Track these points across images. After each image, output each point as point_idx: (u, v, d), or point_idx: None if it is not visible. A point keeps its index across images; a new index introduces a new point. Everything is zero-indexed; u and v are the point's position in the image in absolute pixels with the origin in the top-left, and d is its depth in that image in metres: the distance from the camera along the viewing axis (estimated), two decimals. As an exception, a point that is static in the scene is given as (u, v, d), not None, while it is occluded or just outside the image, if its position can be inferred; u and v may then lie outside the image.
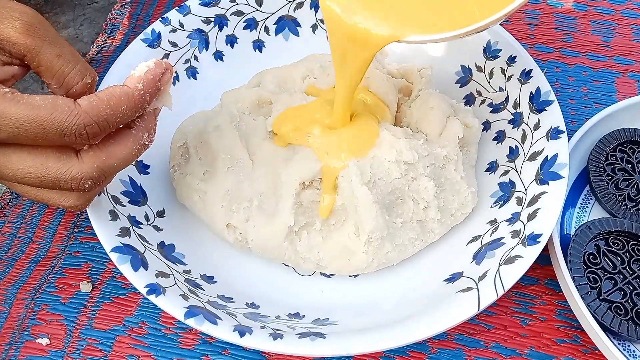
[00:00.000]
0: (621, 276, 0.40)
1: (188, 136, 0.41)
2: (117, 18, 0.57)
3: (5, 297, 0.43)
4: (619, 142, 0.45)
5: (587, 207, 0.44)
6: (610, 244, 0.41)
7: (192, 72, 0.47)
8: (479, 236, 0.40)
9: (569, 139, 0.43)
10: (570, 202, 0.44)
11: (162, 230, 0.41)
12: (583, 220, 0.44)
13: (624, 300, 0.39)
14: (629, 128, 0.45)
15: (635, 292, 0.39)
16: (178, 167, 0.42)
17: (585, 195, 0.45)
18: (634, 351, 0.38)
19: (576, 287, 0.38)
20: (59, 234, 0.45)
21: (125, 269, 0.35)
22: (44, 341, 0.40)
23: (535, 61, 0.51)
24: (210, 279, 0.39)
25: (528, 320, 0.40)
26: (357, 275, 0.41)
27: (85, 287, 0.42)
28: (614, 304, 0.39)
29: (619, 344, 0.38)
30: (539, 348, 0.39)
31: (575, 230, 0.41)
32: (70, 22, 0.60)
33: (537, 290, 0.41)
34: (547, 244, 0.40)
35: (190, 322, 0.33)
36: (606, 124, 0.45)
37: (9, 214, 0.47)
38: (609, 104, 0.46)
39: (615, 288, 0.39)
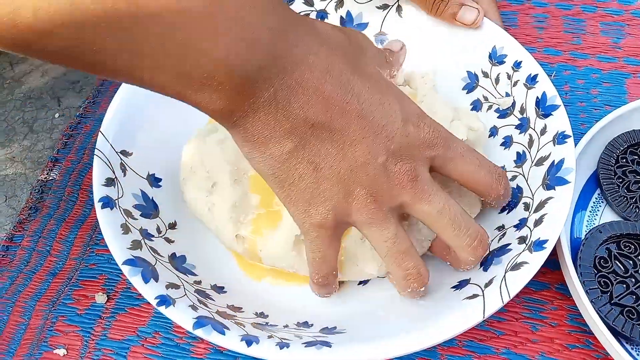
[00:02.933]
0: (633, 280, 0.39)
1: (195, 150, 0.42)
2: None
3: (24, 310, 0.44)
4: (629, 144, 0.44)
5: (598, 210, 0.44)
6: (622, 247, 0.40)
7: None
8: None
9: (579, 142, 0.43)
10: (580, 205, 0.44)
11: (173, 242, 0.41)
12: (594, 224, 0.43)
13: (636, 304, 0.38)
14: (639, 130, 0.45)
15: (647, 295, 0.39)
16: (187, 181, 0.43)
17: (595, 198, 0.44)
18: (647, 356, 0.38)
19: (586, 291, 0.37)
20: (76, 247, 0.47)
21: (136, 281, 0.36)
22: (61, 352, 0.41)
23: (544, 64, 0.51)
24: (220, 290, 0.40)
25: (539, 326, 0.40)
26: (366, 282, 0.41)
27: (100, 298, 0.43)
28: (626, 309, 0.38)
29: (631, 348, 0.38)
30: (549, 354, 0.39)
31: (586, 234, 0.40)
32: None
33: (547, 296, 0.41)
34: (556, 248, 0.40)
35: (199, 332, 0.34)
36: (616, 126, 0.45)
37: (28, 227, 0.48)
38: (620, 106, 0.45)
39: (627, 292, 0.39)
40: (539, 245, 0.35)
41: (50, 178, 0.51)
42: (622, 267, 0.40)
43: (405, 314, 0.37)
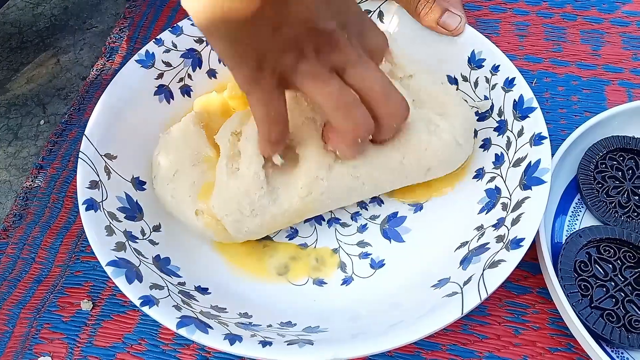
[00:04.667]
0: (613, 283, 0.40)
1: (162, 146, 0.43)
2: (115, 42, 0.59)
3: (8, 317, 0.44)
4: (608, 149, 0.45)
5: (578, 215, 0.45)
6: (602, 251, 0.41)
7: (186, 90, 0.49)
8: (467, 242, 0.40)
9: (559, 148, 0.44)
10: (561, 210, 0.44)
11: (157, 244, 0.42)
12: (574, 229, 0.44)
13: (616, 307, 0.39)
14: (618, 135, 0.46)
15: (627, 299, 0.39)
16: (156, 177, 0.43)
17: (576, 203, 0.45)
18: (627, 358, 0.38)
19: (567, 295, 0.38)
20: (61, 254, 0.46)
21: (120, 282, 0.36)
22: (46, 359, 0.41)
23: (525, 72, 0.52)
24: (204, 290, 0.40)
25: (521, 329, 0.40)
26: (349, 282, 0.41)
27: (85, 305, 0.43)
28: (606, 312, 0.39)
29: (612, 351, 0.39)
30: (532, 357, 0.39)
31: (566, 239, 0.41)
32: (71, 47, 0.61)
33: (529, 299, 0.42)
34: (537, 252, 0.40)
35: (182, 331, 0.34)
36: (596, 132, 0.46)
37: (12, 235, 0.48)
38: (599, 112, 0.46)
39: (607, 295, 0.40)
40: (516, 243, 0.36)
41: (35, 185, 0.51)
42: (602, 271, 0.40)
43: (388, 312, 0.38)
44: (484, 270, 0.36)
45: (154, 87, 0.47)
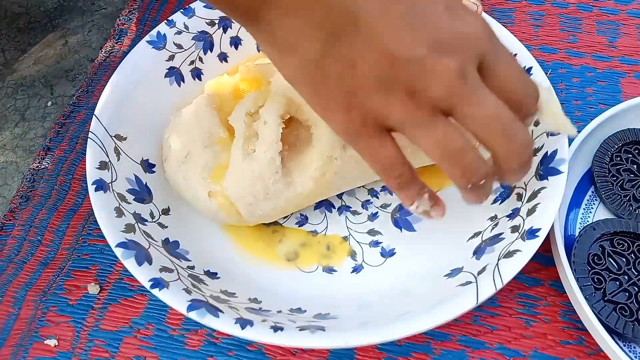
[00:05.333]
0: (626, 277, 0.40)
1: (172, 128, 0.43)
2: (124, 24, 0.58)
3: (15, 299, 0.43)
4: (623, 142, 0.45)
5: (592, 208, 0.44)
6: (615, 244, 0.41)
7: (197, 73, 0.48)
8: (480, 232, 0.40)
9: (573, 140, 0.43)
10: (574, 202, 0.44)
11: (167, 227, 0.41)
12: (588, 221, 0.43)
13: (629, 301, 0.39)
14: (634, 128, 0.45)
15: (640, 293, 0.39)
16: (167, 159, 0.43)
17: (590, 196, 0.44)
18: (639, 353, 0.38)
19: (580, 288, 0.38)
20: (68, 237, 0.46)
21: (129, 263, 0.36)
22: (52, 342, 0.41)
23: (540, 62, 0.51)
24: (213, 275, 0.40)
25: (532, 322, 0.40)
26: (359, 271, 0.41)
27: (93, 288, 0.43)
28: (619, 305, 0.38)
29: (624, 345, 0.38)
30: (543, 349, 0.39)
31: (580, 231, 0.41)
32: (79, 28, 0.61)
33: (541, 292, 0.41)
34: (550, 245, 0.40)
35: (193, 315, 0.34)
36: (611, 124, 0.45)
37: (19, 217, 0.48)
38: (615, 105, 0.45)
39: (620, 289, 0.39)
40: (532, 233, 0.36)
41: (42, 167, 0.50)
42: (615, 265, 0.40)
43: (399, 301, 0.38)
44: (498, 259, 0.35)
45: (165, 69, 0.46)
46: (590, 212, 0.44)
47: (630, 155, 0.45)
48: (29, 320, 0.42)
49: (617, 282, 0.39)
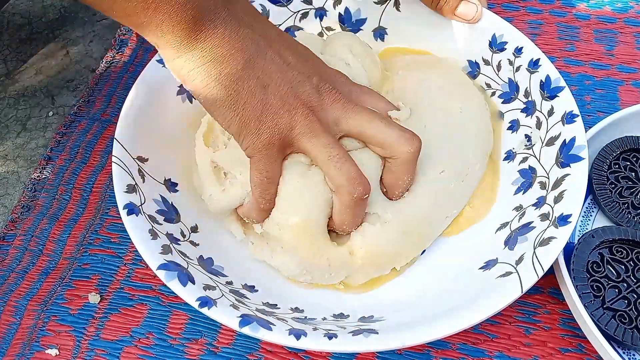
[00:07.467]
0: (625, 284, 0.40)
1: (203, 151, 0.42)
2: (125, 34, 0.59)
3: (16, 309, 0.44)
4: (622, 150, 0.45)
5: (591, 215, 0.44)
6: (614, 252, 0.41)
7: None
8: (507, 223, 0.41)
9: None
10: (573, 210, 0.44)
11: (198, 245, 0.41)
12: (586, 229, 0.44)
13: (628, 308, 0.39)
14: (632, 136, 0.45)
15: (639, 300, 0.39)
16: (204, 182, 0.42)
17: (588, 203, 0.45)
18: (639, 360, 0.38)
19: (579, 295, 0.38)
20: (69, 247, 0.46)
21: (174, 284, 0.35)
22: (53, 352, 0.41)
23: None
24: (251, 288, 0.39)
25: (532, 330, 0.40)
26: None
27: (93, 298, 0.43)
28: (618, 313, 0.38)
29: (623, 352, 0.38)
30: (542, 357, 0.39)
31: (579, 239, 0.41)
32: (80, 39, 0.61)
33: (540, 299, 0.41)
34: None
35: (246, 330, 0.33)
36: (609, 132, 0.45)
37: (20, 226, 0.48)
38: (613, 112, 0.45)
39: (619, 296, 0.39)
40: (563, 220, 0.37)
41: (43, 177, 0.50)
42: (614, 272, 0.40)
43: (438, 299, 0.38)
44: (535, 248, 0.36)
45: (176, 86, 0.46)
46: (589, 220, 0.44)
47: (629, 163, 0.45)
48: (30, 330, 0.42)
49: (616, 290, 0.39)
